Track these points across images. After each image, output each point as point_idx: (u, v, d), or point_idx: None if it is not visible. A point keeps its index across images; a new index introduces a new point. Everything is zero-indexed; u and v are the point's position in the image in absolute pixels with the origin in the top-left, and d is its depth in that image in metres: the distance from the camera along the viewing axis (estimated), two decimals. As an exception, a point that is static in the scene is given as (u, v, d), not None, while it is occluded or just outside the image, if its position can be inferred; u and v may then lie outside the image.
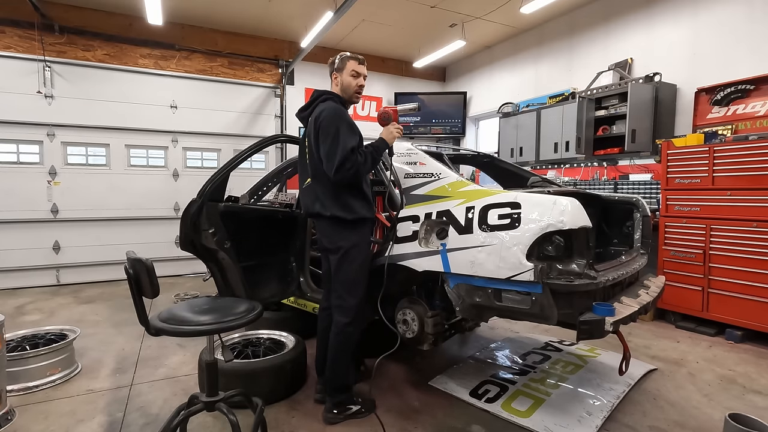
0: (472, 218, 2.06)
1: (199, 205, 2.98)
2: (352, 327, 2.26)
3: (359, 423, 2.24)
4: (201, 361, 2.42)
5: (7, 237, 5.26)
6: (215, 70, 6.42)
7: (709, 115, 4.24)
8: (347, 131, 2.16)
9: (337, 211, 2.20)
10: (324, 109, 2.22)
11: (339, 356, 2.28)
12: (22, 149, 5.34)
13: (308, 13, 5.67)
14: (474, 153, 3.80)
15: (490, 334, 3.66)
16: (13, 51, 5.23)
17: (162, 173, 6.13)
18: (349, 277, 2.26)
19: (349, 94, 2.34)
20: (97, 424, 2.25)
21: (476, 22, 6.04)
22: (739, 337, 3.45)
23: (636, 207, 2.82)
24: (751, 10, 4.05)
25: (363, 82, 2.36)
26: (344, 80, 2.32)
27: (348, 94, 2.34)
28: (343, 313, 2.26)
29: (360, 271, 2.27)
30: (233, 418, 1.73)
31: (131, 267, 1.67)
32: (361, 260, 2.26)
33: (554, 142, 5.35)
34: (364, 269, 2.28)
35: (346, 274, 2.26)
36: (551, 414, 2.31)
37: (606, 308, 1.91)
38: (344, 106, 2.34)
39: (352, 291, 2.26)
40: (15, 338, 2.85)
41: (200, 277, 5.91)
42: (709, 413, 2.37)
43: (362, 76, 2.35)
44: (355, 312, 2.26)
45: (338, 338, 2.27)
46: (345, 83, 2.32)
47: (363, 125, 8.74)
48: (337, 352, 2.28)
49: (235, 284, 3.10)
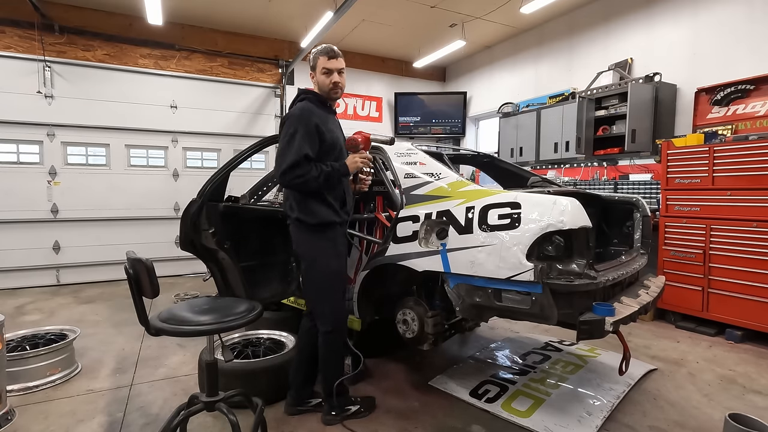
0: (472, 218, 2.06)
1: (199, 205, 2.98)
2: (333, 334, 2.21)
3: (359, 423, 2.24)
4: (201, 361, 2.42)
5: (7, 237, 5.26)
6: (215, 70, 6.42)
7: (709, 115, 4.24)
8: (305, 136, 2.05)
9: (301, 215, 2.13)
10: (293, 109, 2.16)
11: (328, 362, 2.24)
12: (22, 149, 5.34)
13: (308, 13, 5.68)
14: (474, 153, 3.80)
15: (490, 334, 3.66)
16: (13, 51, 5.23)
17: (162, 173, 6.13)
18: (317, 284, 2.20)
19: (325, 92, 2.23)
20: (97, 424, 2.25)
21: (476, 22, 6.04)
22: (739, 337, 3.45)
23: (636, 207, 2.82)
24: (751, 10, 4.05)
25: (338, 78, 2.20)
26: (318, 79, 2.22)
27: (324, 92, 2.23)
28: (321, 321, 2.22)
29: (328, 278, 2.18)
30: (233, 418, 1.73)
31: (131, 267, 1.67)
32: (328, 266, 2.17)
33: (554, 142, 5.35)
34: (332, 275, 2.19)
35: (312, 281, 2.22)
36: (551, 414, 2.31)
37: (606, 308, 1.91)
38: (324, 105, 2.25)
39: (322, 298, 2.21)
40: (15, 338, 2.85)
41: (200, 277, 5.91)
42: (709, 413, 2.37)
43: (335, 72, 2.19)
44: (332, 319, 2.20)
45: (323, 346, 2.23)
46: (319, 82, 2.22)
47: (363, 125, 8.69)
48: (324, 358, 2.25)
49: (235, 284, 3.10)
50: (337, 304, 2.23)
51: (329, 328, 2.20)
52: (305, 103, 2.19)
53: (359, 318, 2.63)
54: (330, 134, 2.16)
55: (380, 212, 3.19)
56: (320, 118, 2.14)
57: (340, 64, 2.21)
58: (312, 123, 2.08)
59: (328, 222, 2.15)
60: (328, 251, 2.17)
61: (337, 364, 2.28)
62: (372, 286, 2.59)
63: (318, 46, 2.24)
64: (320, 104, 2.23)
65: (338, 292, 2.23)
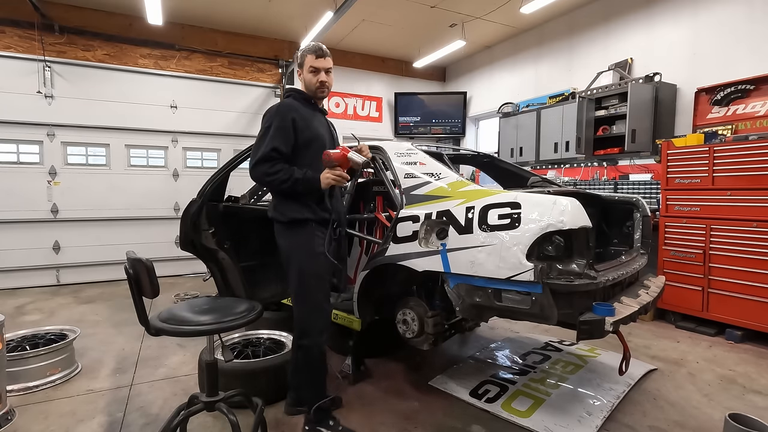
0: (472, 218, 2.06)
1: (199, 205, 2.99)
2: (306, 341, 2.08)
3: (359, 423, 2.24)
4: (201, 361, 2.42)
5: (7, 237, 5.25)
6: (215, 70, 6.42)
7: (709, 115, 4.24)
8: (278, 130, 2.01)
9: (275, 213, 2.11)
10: (272, 105, 2.15)
11: (299, 373, 2.12)
12: (22, 149, 5.34)
13: (308, 13, 5.68)
14: (474, 153, 3.80)
15: (490, 334, 3.66)
16: (13, 51, 5.23)
17: (162, 173, 6.13)
18: (292, 285, 2.11)
19: (312, 91, 2.19)
20: (97, 424, 2.25)
21: (476, 22, 6.04)
22: (739, 337, 3.45)
23: (636, 207, 2.82)
24: (751, 10, 4.05)
25: (325, 78, 2.15)
26: (305, 77, 2.18)
27: (311, 91, 2.19)
28: (295, 329, 2.11)
29: (300, 279, 2.06)
30: (233, 418, 1.73)
31: (131, 267, 1.67)
32: (300, 267, 2.06)
33: (554, 142, 5.35)
34: (307, 277, 2.06)
35: (289, 282, 2.13)
36: (551, 414, 2.31)
37: (606, 308, 1.90)
38: (309, 102, 2.21)
39: (296, 300, 2.11)
40: (15, 338, 2.85)
41: (200, 277, 5.91)
42: (709, 413, 2.37)
43: (322, 71, 2.14)
44: (303, 325, 2.08)
45: (294, 356, 2.14)
46: (306, 80, 2.18)
47: (363, 125, 8.64)
48: (296, 368, 2.13)
49: (235, 284, 3.11)
50: (312, 313, 2.09)
51: (302, 341, 2.08)
52: (288, 99, 2.18)
53: (359, 318, 2.63)
54: (310, 130, 2.11)
55: (380, 212, 3.20)
56: (301, 114, 2.11)
57: (328, 64, 2.16)
58: (288, 118, 2.05)
59: (300, 219, 2.06)
60: (301, 251, 2.07)
61: (313, 381, 2.13)
62: (372, 286, 2.59)
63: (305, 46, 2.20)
64: (305, 102, 2.20)
65: (313, 297, 2.09)
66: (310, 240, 2.08)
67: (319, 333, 2.10)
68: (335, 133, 2.38)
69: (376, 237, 3.11)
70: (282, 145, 2.01)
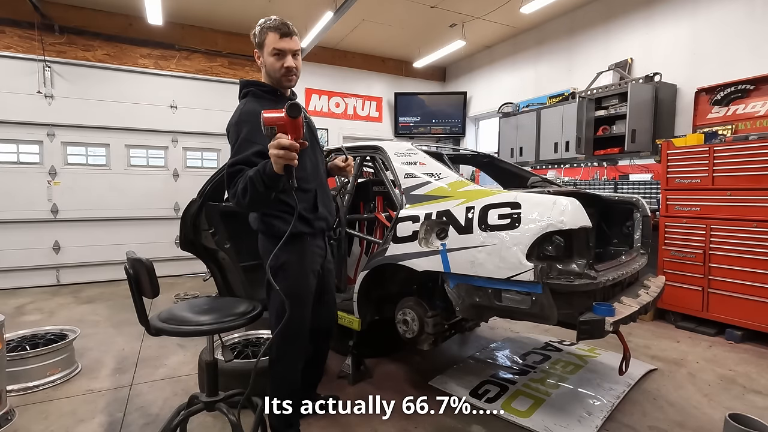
0: (472, 218, 2.06)
1: (199, 205, 2.99)
2: (277, 367, 1.88)
3: (358, 422, 2.23)
4: (201, 361, 2.42)
5: (7, 237, 5.25)
6: (215, 70, 6.41)
7: (709, 115, 4.24)
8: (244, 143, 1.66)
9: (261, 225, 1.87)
10: (231, 117, 1.78)
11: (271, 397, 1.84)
12: (22, 149, 5.34)
13: (308, 13, 5.67)
14: (474, 153, 3.80)
15: (490, 334, 3.66)
16: (13, 51, 5.22)
17: (162, 173, 6.13)
18: (272, 306, 1.87)
19: (275, 79, 1.80)
20: (97, 424, 2.25)
21: (476, 22, 6.04)
22: (739, 337, 3.45)
23: (636, 207, 2.82)
24: (751, 10, 4.06)
25: (291, 62, 1.75)
26: (266, 61, 1.77)
27: (274, 79, 1.80)
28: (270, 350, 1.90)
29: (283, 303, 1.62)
30: (233, 418, 1.73)
31: (131, 267, 1.67)
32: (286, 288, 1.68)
33: (554, 142, 5.35)
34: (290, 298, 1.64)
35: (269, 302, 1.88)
36: (551, 414, 2.31)
37: (606, 308, 1.90)
38: (274, 94, 1.84)
39: (275, 323, 1.85)
40: (15, 338, 2.85)
41: (200, 277, 5.90)
42: (709, 413, 2.37)
43: (289, 54, 1.74)
44: (279, 352, 1.87)
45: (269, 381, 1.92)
46: (267, 65, 1.78)
47: (363, 125, 8.64)
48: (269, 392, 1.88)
49: (235, 284, 3.11)
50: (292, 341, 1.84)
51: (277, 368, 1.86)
52: (247, 101, 1.81)
53: (359, 318, 2.63)
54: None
55: (380, 212, 3.20)
56: None
57: (295, 45, 1.76)
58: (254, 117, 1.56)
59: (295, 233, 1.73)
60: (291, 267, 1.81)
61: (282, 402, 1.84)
62: (372, 286, 2.59)
63: (263, 20, 1.77)
64: (268, 95, 1.83)
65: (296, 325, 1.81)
66: (302, 256, 1.85)
67: (295, 359, 1.91)
68: (313, 124, 2.05)
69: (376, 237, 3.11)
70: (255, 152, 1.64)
